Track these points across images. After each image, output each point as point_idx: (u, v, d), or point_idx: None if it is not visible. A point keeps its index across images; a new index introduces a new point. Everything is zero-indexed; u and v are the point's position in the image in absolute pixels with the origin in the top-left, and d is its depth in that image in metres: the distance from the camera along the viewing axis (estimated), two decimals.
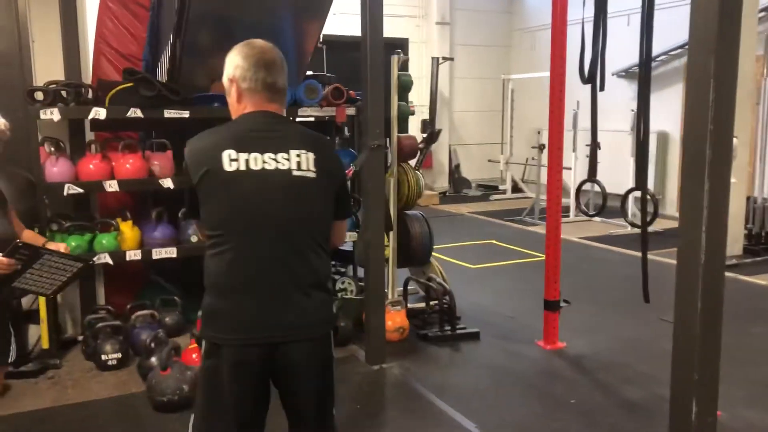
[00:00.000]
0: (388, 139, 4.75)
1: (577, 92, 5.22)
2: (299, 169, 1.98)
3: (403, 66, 5.02)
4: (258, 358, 1.99)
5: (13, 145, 4.36)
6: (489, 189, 11.96)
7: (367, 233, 4.40)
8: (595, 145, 4.02)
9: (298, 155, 1.98)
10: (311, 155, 2.00)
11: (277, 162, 1.96)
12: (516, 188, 11.41)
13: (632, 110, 7.99)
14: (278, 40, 4.88)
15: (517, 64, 12.13)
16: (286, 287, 1.99)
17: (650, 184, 9.19)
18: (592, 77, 3.87)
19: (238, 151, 1.94)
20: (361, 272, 5.27)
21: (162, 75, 4.83)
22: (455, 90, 12.11)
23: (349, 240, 4.89)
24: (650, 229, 8.16)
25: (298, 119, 4.67)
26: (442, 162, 12.09)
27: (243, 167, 1.94)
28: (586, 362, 4.15)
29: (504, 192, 11.39)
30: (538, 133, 10.60)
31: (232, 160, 1.93)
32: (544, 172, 9.91)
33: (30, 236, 3.21)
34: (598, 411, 3.49)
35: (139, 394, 3.65)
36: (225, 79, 2.07)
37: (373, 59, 3.94)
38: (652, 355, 4.18)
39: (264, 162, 1.95)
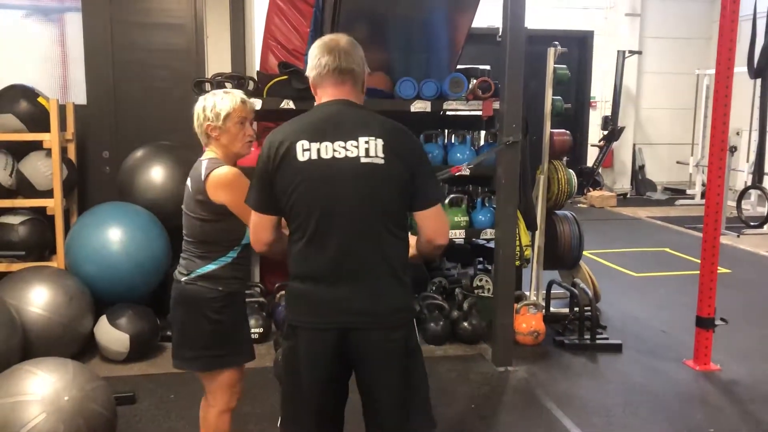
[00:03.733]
0: (533, 137, 4.59)
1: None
2: (367, 155, 1.98)
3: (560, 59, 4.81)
4: (330, 344, 2.02)
5: (187, 131, 4.87)
6: (676, 193, 11.07)
7: None
8: (763, 149, 3.57)
9: (367, 142, 1.98)
10: (380, 141, 1.99)
11: (346, 150, 1.98)
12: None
13: None
14: (429, 34, 4.96)
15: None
16: (358, 274, 2.01)
17: None
18: (762, 71, 3.44)
19: (311, 141, 1.99)
20: None
21: None
22: (643, 86, 11.34)
23: (482, 237, 4.78)
24: None
25: (445, 113, 4.66)
26: (624, 162, 11.40)
27: (315, 156, 1.98)
28: (740, 390, 3.71)
29: (692, 197, 10.46)
30: (737, 134, 9.62)
31: (305, 150, 1.98)
32: (740, 177, 9.03)
33: None
34: None
35: (271, 368, 3.86)
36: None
37: (513, 51, 3.81)
38: None
39: (334, 150, 1.98)
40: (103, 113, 4.92)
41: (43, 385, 2.57)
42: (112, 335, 3.95)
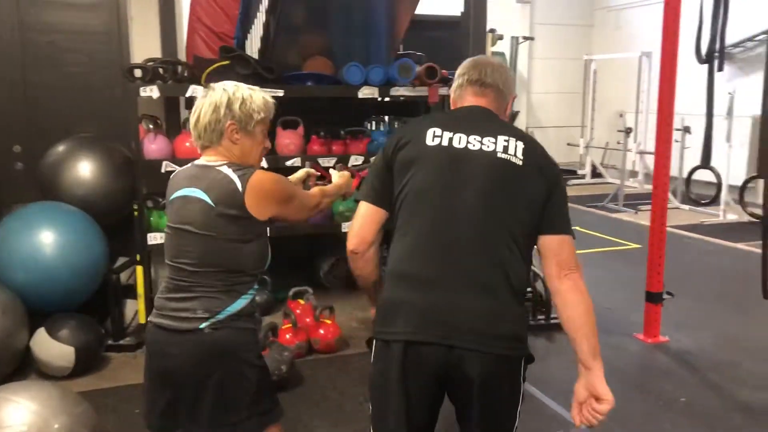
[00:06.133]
0: None
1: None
2: (505, 152, 1.79)
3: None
4: (429, 359, 1.73)
5: (111, 121, 4.48)
6: (567, 173, 11.61)
7: None
8: (710, 130, 3.78)
9: (506, 140, 1.81)
10: (520, 143, 1.81)
11: (482, 144, 1.80)
12: (595, 173, 11.06)
13: (729, 93, 7.57)
14: (370, 19, 4.85)
15: (599, 45, 11.71)
16: (471, 282, 1.73)
17: (743, 170, 8.77)
18: (710, 57, 3.63)
19: (443, 129, 1.84)
20: None
21: (252, 53, 4.80)
22: (534, 71, 11.80)
23: None
24: (743, 219, 7.77)
25: (389, 98, 4.58)
26: None
27: (445, 143, 1.81)
28: (692, 359, 3.95)
29: (583, 177, 11.05)
30: (621, 116, 10.25)
31: (435, 136, 1.83)
32: (628, 157, 9.62)
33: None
34: (714, 414, 3.30)
35: None
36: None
37: (476, 37, 3.81)
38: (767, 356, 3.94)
39: (468, 142, 1.81)
40: (10, 102, 4.41)
41: (27, 414, 2.26)
42: (53, 349, 3.57)
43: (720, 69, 3.59)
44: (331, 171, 2.64)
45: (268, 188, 1.98)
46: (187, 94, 4.10)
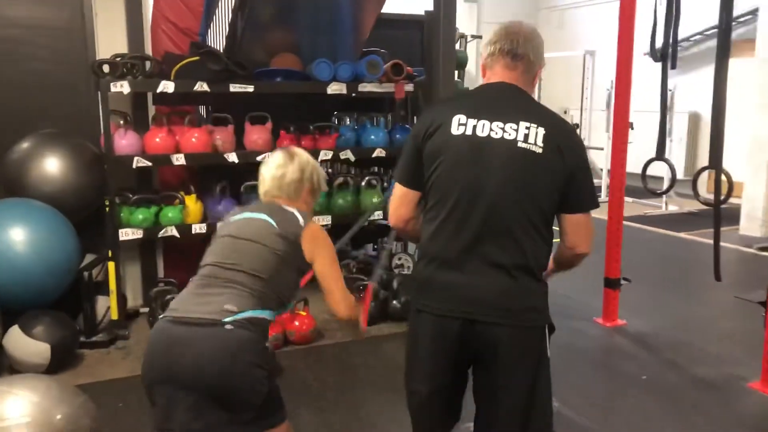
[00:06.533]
0: None
1: (611, 71, 5.07)
2: (525, 141, 1.89)
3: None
4: (454, 333, 1.93)
5: (76, 117, 4.42)
6: None
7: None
8: (664, 125, 4.02)
9: (527, 128, 1.89)
10: (542, 130, 1.89)
11: (504, 131, 1.90)
12: None
13: (669, 90, 7.92)
14: (336, 16, 4.92)
15: (544, 43, 12.01)
16: (491, 264, 1.90)
17: (681, 165, 9.22)
18: (665, 55, 3.86)
19: (468, 116, 1.93)
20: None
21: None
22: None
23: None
24: (683, 210, 8.16)
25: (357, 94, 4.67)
26: None
27: (469, 132, 1.91)
28: (650, 340, 4.19)
29: None
30: (565, 113, 10.59)
31: (460, 125, 1.92)
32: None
33: None
34: (674, 389, 3.52)
35: None
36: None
37: (445, 34, 3.94)
38: (717, 336, 4.22)
39: (491, 130, 1.90)
40: None
41: (28, 405, 2.26)
42: (28, 347, 3.53)
43: (673, 67, 3.82)
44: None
45: (322, 235, 2.20)
46: (159, 90, 4.11)
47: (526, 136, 1.90)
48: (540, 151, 1.89)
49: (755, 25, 7.46)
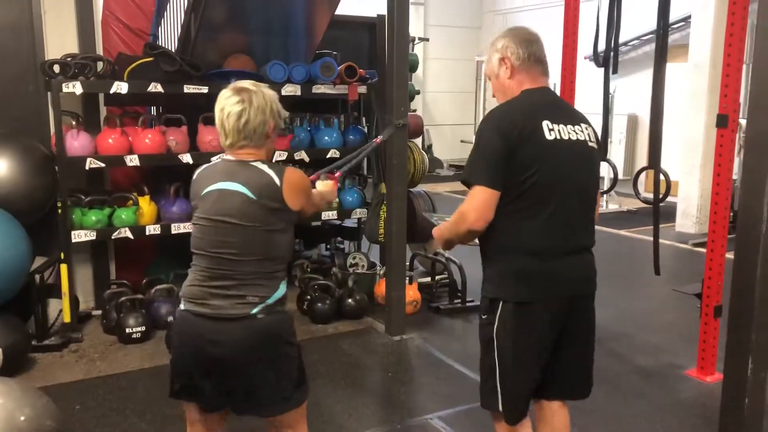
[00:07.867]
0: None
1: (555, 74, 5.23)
2: (590, 140, 2.20)
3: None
4: (561, 311, 2.17)
5: (23, 117, 4.35)
6: (461, 169, 12.15)
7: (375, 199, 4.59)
8: (606, 126, 4.21)
9: (586, 128, 2.20)
10: (591, 129, 2.23)
11: (577, 133, 2.16)
12: None
13: (610, 93, 8.22)
14: (289, 18, 4.98)
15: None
16: (583, 247, 2.22)
17: (620, 165, 9.56)
18: (607, 60, 4.05)
19: (552, 122, 2.11)
20: (369, 248, 5.41)
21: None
22: (428, 71, 12.24)
23: (354, 217, 5.01)
24: (623, 208, 8.51)
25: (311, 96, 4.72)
26: (416, 142, 12.22)
27: (559, 137, 2.11)
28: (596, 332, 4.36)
29: None
30: None
31: (550, 130, 2.10)
32: None
33: None
34: (617, 378, 3.71)
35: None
36: (494, 61, 2.22)
37: (399, 37, 4.02)
38: (657, 326, 4.44)
39: (569, 133, 2.14)
40: None
41: None
42: None
43: (615, 71, 4.01)
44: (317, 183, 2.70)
45: (299, 182, 2.16)
46: (112, 91, 4.08)
47: (589, 135, 2.21)
48: (596, 146, 2.24)
49: (688, 31, 7.81)
